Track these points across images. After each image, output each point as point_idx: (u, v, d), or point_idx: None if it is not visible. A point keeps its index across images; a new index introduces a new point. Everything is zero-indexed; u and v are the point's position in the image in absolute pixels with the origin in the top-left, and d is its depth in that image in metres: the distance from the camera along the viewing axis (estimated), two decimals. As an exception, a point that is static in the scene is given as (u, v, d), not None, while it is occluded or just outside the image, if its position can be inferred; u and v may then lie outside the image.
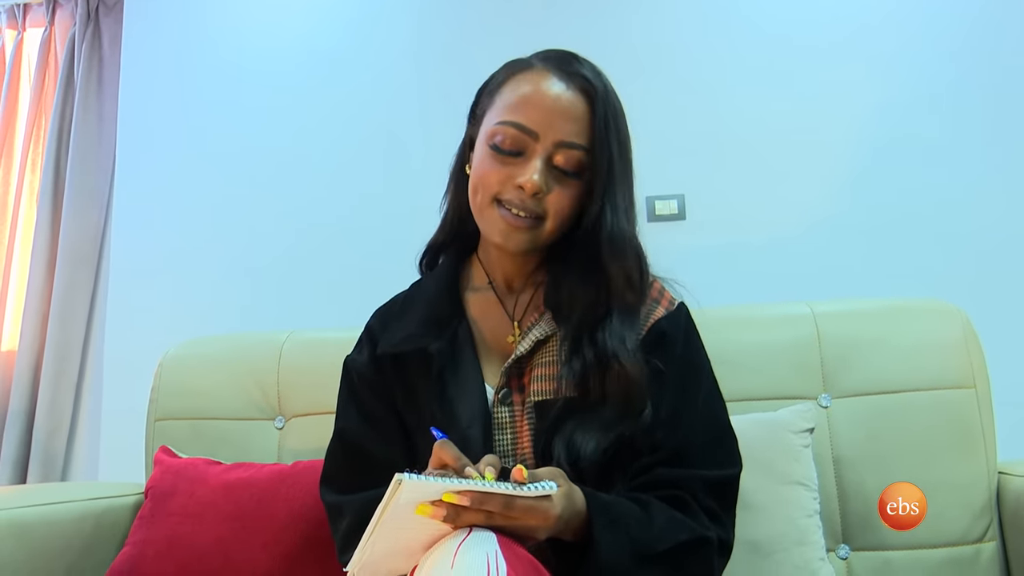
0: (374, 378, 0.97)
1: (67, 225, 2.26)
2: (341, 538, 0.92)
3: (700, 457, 0.86)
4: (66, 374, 2.21)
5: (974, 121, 1.75)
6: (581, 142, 0.88)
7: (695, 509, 0.83)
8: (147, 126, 2.15)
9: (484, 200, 0.90)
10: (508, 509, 0.65)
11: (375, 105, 2.02)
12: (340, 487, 0.95)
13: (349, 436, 0.97)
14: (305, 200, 2.02)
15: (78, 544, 1.27)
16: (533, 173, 0.86)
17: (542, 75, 0.90)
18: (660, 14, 1.92)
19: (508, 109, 0.89)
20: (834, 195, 1.78)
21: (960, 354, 1.26)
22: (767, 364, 1.31)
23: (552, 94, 0.88)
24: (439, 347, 0.92)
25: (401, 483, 0.62)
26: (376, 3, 2.07)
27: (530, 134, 0.87)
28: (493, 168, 0.89)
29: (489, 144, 0.90)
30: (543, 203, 0.88)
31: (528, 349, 0.91)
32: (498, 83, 0.94)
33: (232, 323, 1.96)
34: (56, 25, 2.45)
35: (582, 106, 0.88)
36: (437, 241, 1.07)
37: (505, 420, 0.90)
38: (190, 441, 1.44)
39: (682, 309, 0.97)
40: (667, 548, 0.77)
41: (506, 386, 0.91)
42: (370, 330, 1.03)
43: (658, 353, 0.89)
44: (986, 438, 1.23)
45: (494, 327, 0.98)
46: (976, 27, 1.78)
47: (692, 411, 0.89)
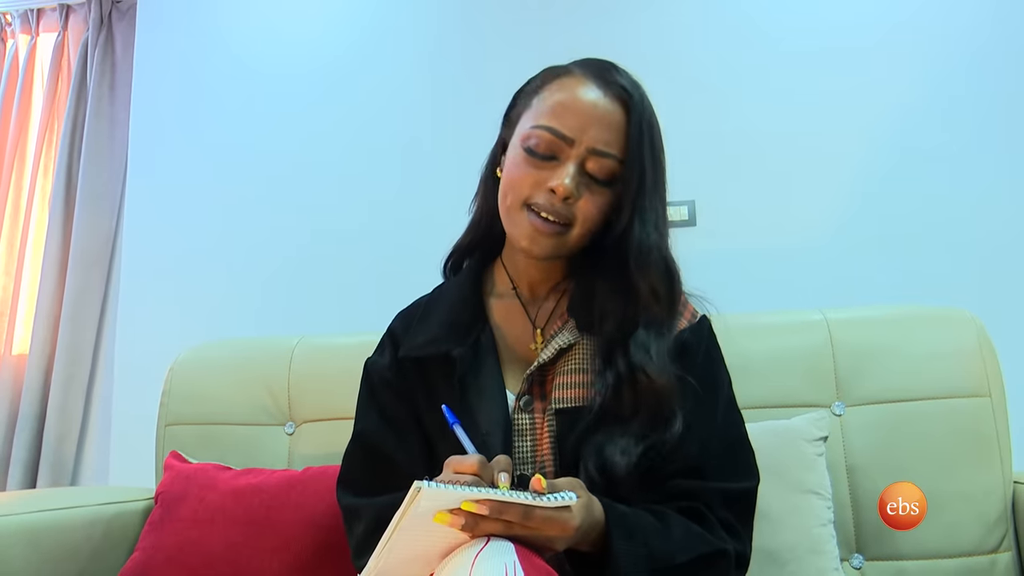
0: (395, 381, 0.97)
1: (79, 229, 2.27)
2: (356, 542, 0.91)
3: (717, 470, 0.86)
4: (77, 378, 2.22)
5: (988, 129, 1.74)
6: (615, 152, 0.87)
7: (712, 521, 0.82)
8: (159, 131, 2.16)
9: (514, 203, 0.90)
10: (527, 519, 0.65)
11: (388, 110, 2.02)
12: (357, 490, 0.95)
13: (368, 439, 0.97)
14: (316, 205, 2.02)
15: (88, 549, 1.28)
16: (565, 177, 0.86)
17: (580, 81, 0.90)
18: (673, 20, 1.92)
19: (544, 114, 0.89)
20: (845, 201, 1.77)
21: (975, 362, 1.25)
22: (780, 372, 1.30)
23: (589, 101, 0.88)
24: (461, 352, 0.92)
25: (420, 491, 0.62)
26: (389, 8, 2.07)
27: (565, 139, 0.87)
28: (526, 172, 0.89)
29: (523, 147, 0.89)
30: (572, 209, 0.88)
31: (551, 357, 0.90)
32: (535, 87, 0.94)
33: (242, 327, 1.96)
34: (69, 30, 2.46)
35: (619, 115, 0.88)
36: (464, 244, 1.06)
37: (525, 427, 0.89)
38: (200, 446, 1.45)
39: (704, 322, 0.96)
40: (685, 560, 0.77)
41: (527, 393, 0.91)
42: (392, 333, 1.03)
43: (679, 364, 0.89)
44: (1001, 447, 1.22)
45: (517, 333, 0.97)
46: (991, 33, 1.77)
47: (710, 424, 0.88)
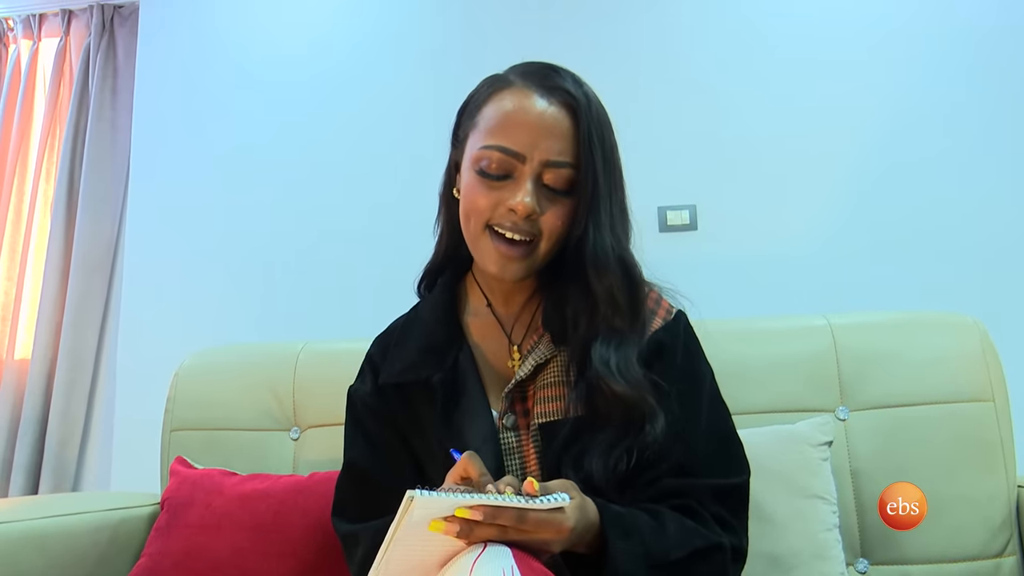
0: (379, 408, 0.96)
1: (81, 234, 2.28)
2: (357, 567, 0.90)
3: (705, 466, 0.86)
4: (79, 383, 2.23)
5: (990, 134, 1.75)
6: (568, 159, 0.86)
7: (705, 517, 0.82)
8: (161, 136, 2.16)
9: (476, 228, 0.88)
10: (521, 522, 0.65)
11: (390, 115, 2.03)
12: (353, 517, 0.94)
13: (358, 466, 0.96)
14: (320, 210, 2.02)
15: (94, 555, 1.28)
16: (525, 196, 0.84)
17: (523, 93, 0.87)
18: (674, 25, 1.92)
19: (491, 132, 0.87)
20: (846, 206, 1.78)
21: (978, 367, 1.26)
22: (784, 377, 1.30)
23: (535, 112, 0.86)
24: (441, 377, 0.91)
25: (413, 500, 0.62)
26: (391, 13, 2.08)
27: (516, 156, 0.85)
28: (482, 193, 0.87)
29: (475, 170, 0.87)
30: (537, 224, 0.87)
31: (528, 373, 0.90)
32: (477, 104, 0.92)
33: (245, 332, 1.96)
34: (71, 35, 2.47)
35: (566, 122, 0.86)
36: (434, 265, 1.05)
37: (512, 445, 0.89)
38: (205, 452, 1.44)
39: (680, 318, 0.95)
40: (681, 556, 0.77)
41: (509, 410, 0.90)
42: (371, 359, 1.02)
43: (658, 365, 0.88)
44: (1005, 452, 1.22)
45: (495, 350, 0.97)
46: (988, 37, 1.78)
47: (695, 421, 0.88)
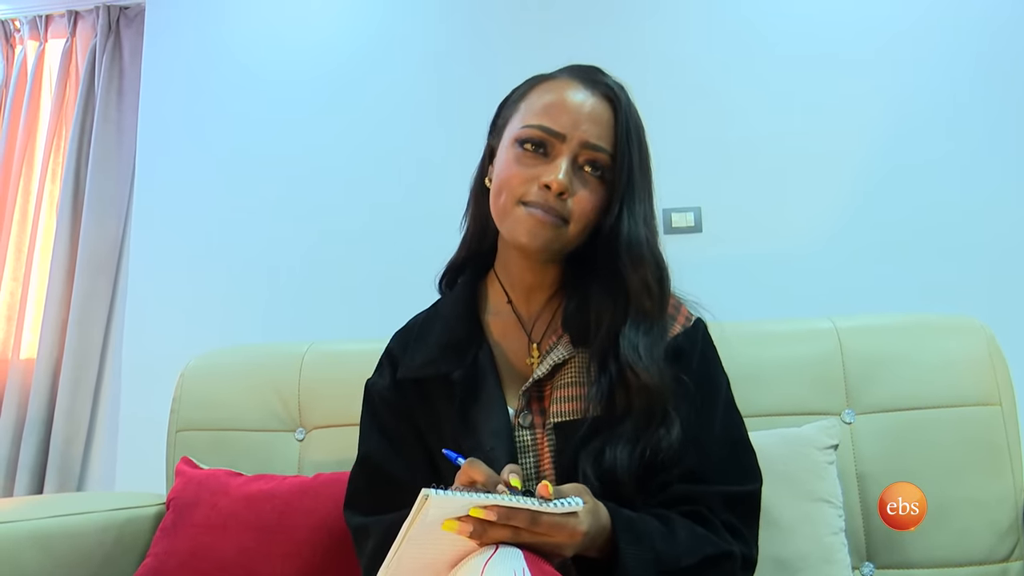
0: (396, 401, 0.97)
1: (86, 234, 2.29)
2: (367, 560, 0.91)
3: (718, 473, 0.86)
4: (84, 382, 2.23)
5: (996, 136, 1.75)
6: (606, 146, 0.88)
7: (715, 524, 0.82)
8: (166, 136, 2.17)
9: (508, 201, 0.89)
10: (535, 525, 0.65)
11: (395, 115, 2.03)
12: (365, 510, 0.94)
13: (372, 460, 0.97)
14: (325, 210, 2.02)
15: (100, 554, 1.28)
16: (559, 172, 0.86)
17: (567, 83, 0.91)
18: (679, 27, 1.93)
19: (534, 114, 0.90)
20: (851, 208, 1.78)
21: (985, 371, 1.25)
22: (790, 380, 1.30)
23: (578, 99, 0.89)
24: (460, 374, 0.92)
25: (428, 498, 0.62)
26: (395, 14, 2.08)
27: (557, 136, 0.88)
28: (518, 170, 0.88)
29: (514, 144, 0.90)
30: (568, 205, 0.87)
31: (545, 373, 0.90)
32: (521, 93, 0.95)
33: (249, 332, 1.97)
34: (77, 36, 2.48)
35: (607, 112, 0.89)
36: (457, 260, 1.06)
37: (527, 443, 0.89)
38: (211, 452, 1.45)
39: (699, 325, 0.96)
40: (692, 563, 0.77)
41: (525, 408, 0.91)
42: (390, 353, 1.03)
43: (675, 369, 0.88)
44: (1012, 456, 1.21)
45: (515, 348, 0.97)
46: (994, 40, 1.78)
47: (709, 427, 0.88)
